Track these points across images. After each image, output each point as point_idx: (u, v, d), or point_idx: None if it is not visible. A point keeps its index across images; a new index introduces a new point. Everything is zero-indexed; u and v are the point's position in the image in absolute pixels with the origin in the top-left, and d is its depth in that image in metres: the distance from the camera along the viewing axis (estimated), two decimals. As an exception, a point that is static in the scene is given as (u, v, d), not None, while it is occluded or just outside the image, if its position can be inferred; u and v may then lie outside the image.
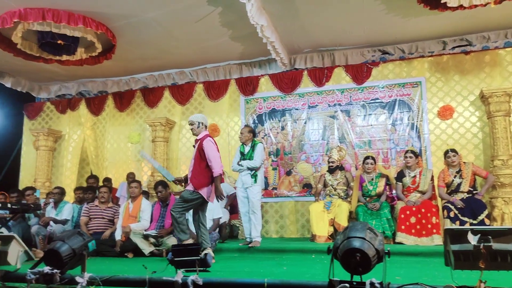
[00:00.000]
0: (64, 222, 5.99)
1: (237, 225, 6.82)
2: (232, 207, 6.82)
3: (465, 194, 5.47)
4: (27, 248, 3.11)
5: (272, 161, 7.46)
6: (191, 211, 4.67)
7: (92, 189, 6.56)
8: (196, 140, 4.68)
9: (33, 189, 6.81)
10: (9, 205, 5.09)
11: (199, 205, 4.56)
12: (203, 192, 4.48)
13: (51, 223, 5.89)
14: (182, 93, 8.08)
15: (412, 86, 6.93)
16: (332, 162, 6.20)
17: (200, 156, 4.52)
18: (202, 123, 4.71)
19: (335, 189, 6.15)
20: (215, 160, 4.48)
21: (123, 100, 8.42)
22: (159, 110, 8.21)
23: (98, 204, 6.04)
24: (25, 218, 6.41)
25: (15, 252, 3.01)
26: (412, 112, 6.87)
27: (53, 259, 2.83)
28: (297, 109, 7.45)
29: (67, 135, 8.71)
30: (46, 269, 2.78)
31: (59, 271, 2.79)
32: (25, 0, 5.27)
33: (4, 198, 6.63)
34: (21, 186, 8.18)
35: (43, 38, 5.73)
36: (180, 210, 4.49)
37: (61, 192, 6.38)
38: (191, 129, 4.76)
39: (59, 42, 5.81)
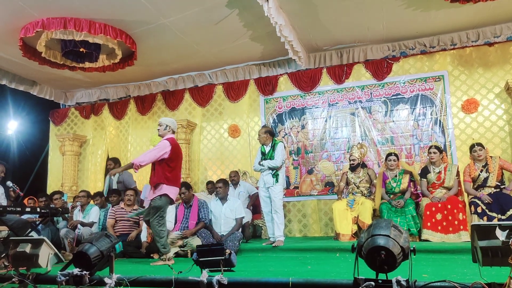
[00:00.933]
0: (91, 224, 6.12)
1: (260, 224, 6.85)
2: (255, 207, 6.84)
3: (493, 189, 5.35)
4: (57, 251, 3.19)
5: (293, 160, 7.44)
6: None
7: (117, 192, 6.67)
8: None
9: (60, 193, 6.99)
10: (38, 210, 5.26)
11: None
12: (167, 191, 4.55)
13: (79, 226, 6.02)
14: (202, 95, 8.15)
15: (435, 80, 6.80)
16: (353, 160, 6.14)
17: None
18: (170, 126, 4.84)
19: (357, 187, 6.09)
20: (148, 154, 4.60)
21: (144, 104, 8.57)
22: (180, 113, 8.30)
23: (124, 206, 6.15)
24: (53, 221, 6.56)
25: (46, 255, 3.08)
26: (435, 106, 6.74)
27: (82, 261, 2.89)
28: (317, 108, 7.40)
29: (92, 139, 8.92)
30: (76, 270, 2.84)
31: (88, 272, 2.84)
32: (47, 10, 5.42)
33: (33, 202, 6.84)
34: (49, 191, 8.41)
35: (66, 47, 5.88)
36: (157, 219, 4.54)
37: (88, 195, 6.52)
38: (158, 130, 4.88)
39: (81, 50, 5.96)
